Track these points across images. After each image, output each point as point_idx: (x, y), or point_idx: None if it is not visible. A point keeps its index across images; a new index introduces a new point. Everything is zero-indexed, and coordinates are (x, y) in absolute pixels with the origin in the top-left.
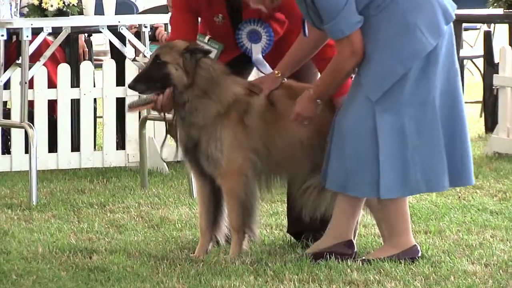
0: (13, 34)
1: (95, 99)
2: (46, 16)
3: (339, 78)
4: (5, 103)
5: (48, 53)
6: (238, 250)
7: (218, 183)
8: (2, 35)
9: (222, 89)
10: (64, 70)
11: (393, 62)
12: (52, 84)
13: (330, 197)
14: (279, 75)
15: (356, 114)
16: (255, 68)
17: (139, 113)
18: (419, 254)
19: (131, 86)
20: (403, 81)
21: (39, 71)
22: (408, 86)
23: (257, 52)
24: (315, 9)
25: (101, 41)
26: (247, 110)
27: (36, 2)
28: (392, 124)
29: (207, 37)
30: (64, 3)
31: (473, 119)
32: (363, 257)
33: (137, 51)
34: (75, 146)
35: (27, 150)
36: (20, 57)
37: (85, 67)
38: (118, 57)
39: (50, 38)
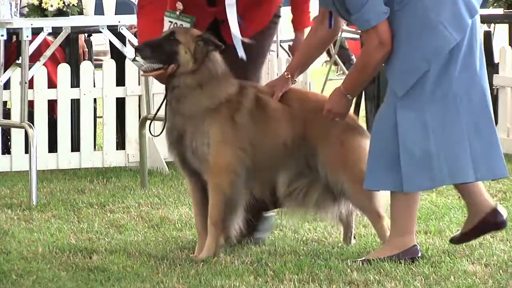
0: (13, 34)
1: (95, 99)
2: (46, 16)
3: (368, 71)
4: (5, 103)
5: (48, 53)
6: (214, 246)
7: (205, 178)
8: (2, 35)
9: (218, 87)
10: (64, 70)
11: (417, 58)
12: (52, 84)
13: (316, 200)
14: (289, 76)
15: (382, 111)
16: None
17: (139, 113)
18: (419, 254)
19: (138, 48)
20: (425, 77)
21: (39, 71)
22: (429, 82)
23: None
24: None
25: (101, 41)
26: (238, 108)
27: (36, 2)
28: (413, 120)
29: (178, 12)
30: (64, 3)
31: None
32: (363, 257)
33: None
34: (75, 146)
35: (27, 150)
36: (20, 57)
37: (85, 67)
38: (118, 57)
39: (50, 38)
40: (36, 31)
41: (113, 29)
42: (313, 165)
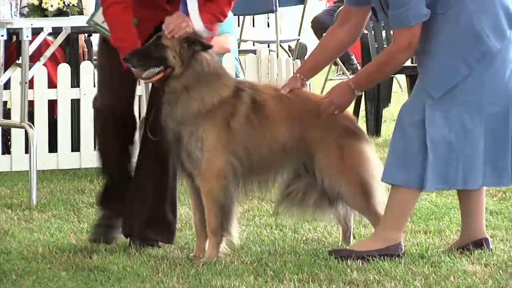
0: (13, 34)
1: None
2: (46, 16)
3: (387, 70)
4: (5, 103)
5: (48, 53)
6: (215, 253)
7: (197, 184)
8: (2, 35)
9: (208, 89)
10: (64, 70)
11: (458, 61)
12: (52, 84)
13: (313, 201)
14: (302, 77)
15: (408, 108)
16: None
17: (139, 113)
18: (402, 252)
19: (126, 59)
20: (462, 81)
21: (39, 71)
22: (462, 86)
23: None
24: None
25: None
26: (234, 113)
27: (36, 2)
28: (440, 120)
29: None
30: (64, 3)
31: None
32: (347, 247)
33: None
34: (75, 146)
35: (27, 150)
36: (20, 57)
37: (85, 67)
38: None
39: (50, 38)
40: (36, 31)
41: None
42: (310, 168)
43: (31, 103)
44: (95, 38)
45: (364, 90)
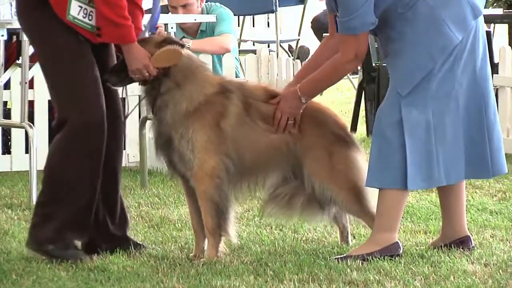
0: (13, 34)
1: None
2: None
3: (334, 80)
4: (5, 103)
5: None
6: (214, 254)
7: (192, 185)
8: (2, 35)
9: (196, 86)
10: None
11: (422, 57)
12: None
13: (300, 205)
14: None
15: (383, 111)
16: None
17: (139, 113)
18: (400, 251)
19: (104, 79)
20: (430, 76)
21: (39, 71)
22: (434, 81)
23: None
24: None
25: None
26: (224, 114)
27: None
28: (417, 118)
29: None
30: None
31: None
32: (345, 254)
33: None
34: None
35: (27, 150)
36: (20, 57)
37: None
38: (118, 57)
39: None
40: None
41: None
42: (299, 173)
43: (31, 103)
44: None
45: (311, 97)
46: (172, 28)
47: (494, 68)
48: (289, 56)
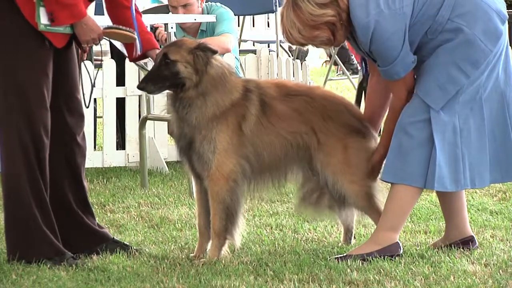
0: None
1: (95, 99)
2: None
3: (398, 115)
4: None
5: None
6: (216, 255)
7: (205, 185)
8: None
9: (223, 92)
10: None
11: (455, 73)
12: None
13: (327, 204)
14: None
15: (408, 110)
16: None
17: (139, 113)
18: (401, 252)
19: (140, 87)
20: (461, 88)
21: None
22: (463, 90)
23: None
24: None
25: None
26: (245, 116)
27: None
28: (445, 119)
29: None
30: None
31: None
32: (345, 253)
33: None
34: None
35: None
36: None
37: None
38: (118, 57)
39: None
40: None
41: None
42: (315, 167)
43: None
44: None
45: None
46: (172, 28)
47: None
48: (289, 56)
